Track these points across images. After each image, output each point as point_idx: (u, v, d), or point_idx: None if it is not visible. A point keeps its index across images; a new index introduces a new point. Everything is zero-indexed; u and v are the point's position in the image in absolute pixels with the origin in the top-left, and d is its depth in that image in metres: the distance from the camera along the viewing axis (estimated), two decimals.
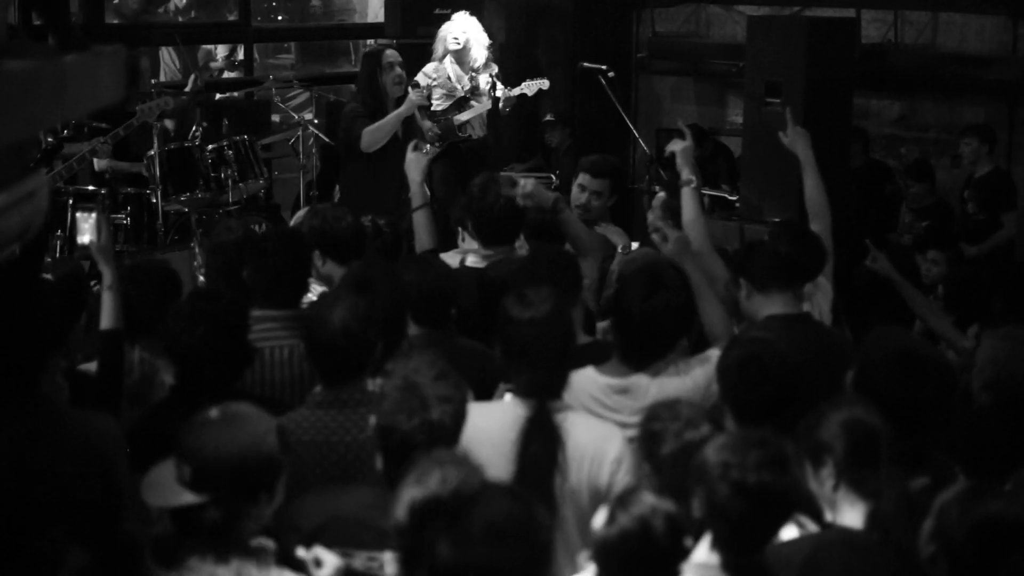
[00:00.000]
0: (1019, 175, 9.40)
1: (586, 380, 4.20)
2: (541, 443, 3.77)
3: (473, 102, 9.18)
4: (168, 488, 3.13)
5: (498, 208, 5.40)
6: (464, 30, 9.08)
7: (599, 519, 2.98)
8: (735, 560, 3.11)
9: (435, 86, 9.11)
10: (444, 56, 9.11)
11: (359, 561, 3.30)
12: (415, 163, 5.88)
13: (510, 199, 5.36)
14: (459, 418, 3.44)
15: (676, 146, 5.48)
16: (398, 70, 8.33)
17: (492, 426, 3.78)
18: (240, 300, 4.38)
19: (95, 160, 8.42)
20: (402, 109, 8.20)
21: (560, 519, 3.71)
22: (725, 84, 11.40)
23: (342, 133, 8.35)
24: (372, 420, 3.45)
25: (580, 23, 11.69)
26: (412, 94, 8.27)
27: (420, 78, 8.93)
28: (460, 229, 5.81)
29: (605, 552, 2.94)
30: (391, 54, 8.42)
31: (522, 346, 3.88)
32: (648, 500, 2.94)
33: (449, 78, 9.13)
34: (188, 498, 3.10)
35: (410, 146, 6.06)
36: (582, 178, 6.30)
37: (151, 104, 8.32)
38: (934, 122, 10.23)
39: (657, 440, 3.51)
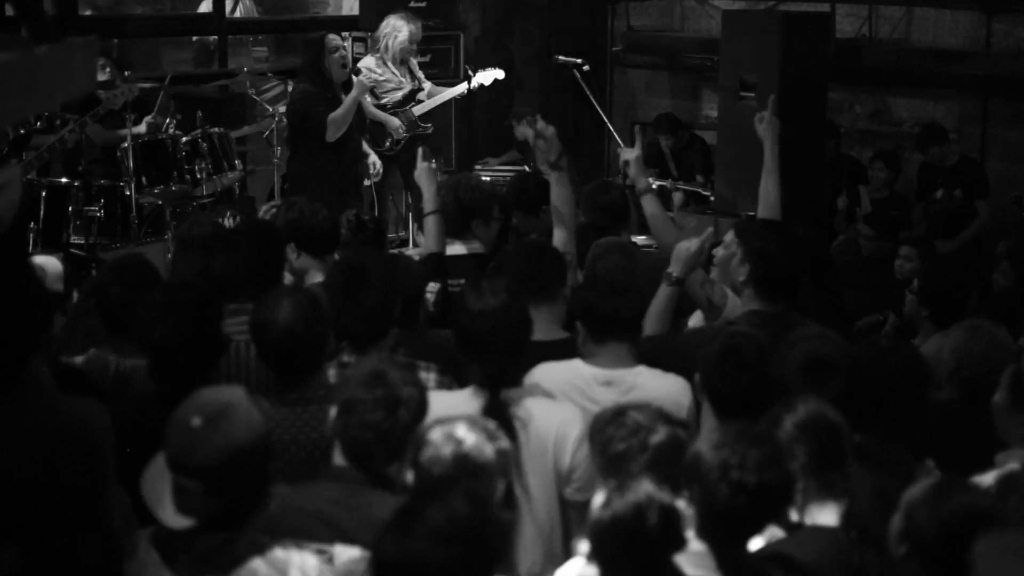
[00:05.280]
0: (992, 169, 9.44)
1: (570, 370, 4.20)
2: None
3: (422, 96, 9.27)
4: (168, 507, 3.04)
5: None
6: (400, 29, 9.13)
7: (596, 500, 2.95)
8: (724, 551, 3.07)
9: (382, 80, 9.15)
10: (391, 52, 9.14)
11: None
12: (428, 174, 5.59)
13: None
14: (419, 418, 3.40)
15: (628, 155, 5.48)
16: (342, 52, 8.44)
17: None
18: (211, 290, 4.35)
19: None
20: (354, 93, 8.23)
21: (530, 505, 3.75)
22: (700, 78, 11.41)
23: (297, 116, 8.33)
24: (331, 412, 3.41)
25: (555, 16, 11.69)
26: (361, 77, 8.37)
27: (364, 73, 8.94)
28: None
29: (598, 533, 2.92)
30: (333, 38, 8.47)
31: (476, 337, 3.92)
32: (645, 488, 2.90)
33: (394, 72, 9.17)
34: (185, 522, 3.02)
35: (419, 154, 5.79)
36: None
37: (116, 91, 8.28)
38: (908, 116, 10.25)
39: (624, 460, 3.36)
